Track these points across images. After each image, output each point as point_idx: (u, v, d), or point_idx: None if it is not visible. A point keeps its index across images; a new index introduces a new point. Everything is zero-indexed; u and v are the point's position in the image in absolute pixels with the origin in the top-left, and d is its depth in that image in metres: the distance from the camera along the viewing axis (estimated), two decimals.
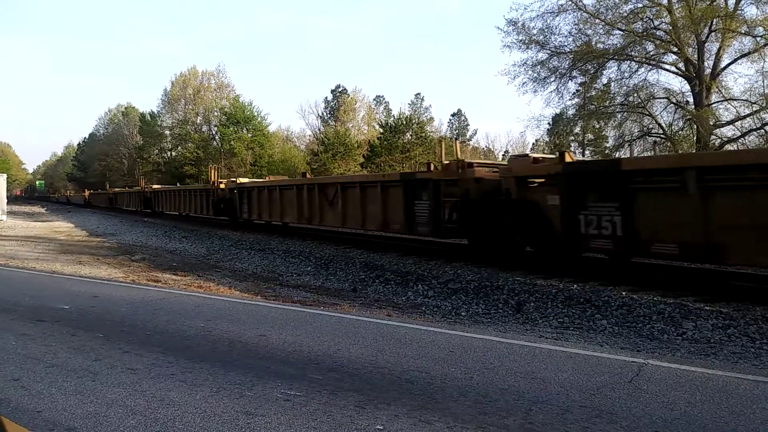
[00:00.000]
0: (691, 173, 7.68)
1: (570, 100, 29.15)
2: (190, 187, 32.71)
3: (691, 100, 25.47)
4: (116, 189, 50.49)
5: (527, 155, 11.05)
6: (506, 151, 61.20)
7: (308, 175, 21.45)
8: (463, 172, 11.63)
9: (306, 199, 17.18)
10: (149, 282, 10.02)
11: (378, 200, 14.07)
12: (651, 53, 25.66)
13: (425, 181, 12.62)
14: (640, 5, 24.66)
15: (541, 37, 26.73)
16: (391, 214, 13.73)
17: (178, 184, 39.55)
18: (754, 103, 23.63)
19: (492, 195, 11.12)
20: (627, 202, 8.45)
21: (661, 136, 26.77)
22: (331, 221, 16.37)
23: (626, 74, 26.43)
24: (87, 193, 61.99)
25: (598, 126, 35.74)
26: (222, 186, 24.25)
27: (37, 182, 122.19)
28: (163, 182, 46.59)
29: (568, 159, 9.70)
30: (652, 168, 8.54)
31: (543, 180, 10.05)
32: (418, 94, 58.54)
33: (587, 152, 44.53)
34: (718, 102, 25.20)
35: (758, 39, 22.88)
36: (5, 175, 33.15)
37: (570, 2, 25.57)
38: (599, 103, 28.27)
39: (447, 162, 12.37)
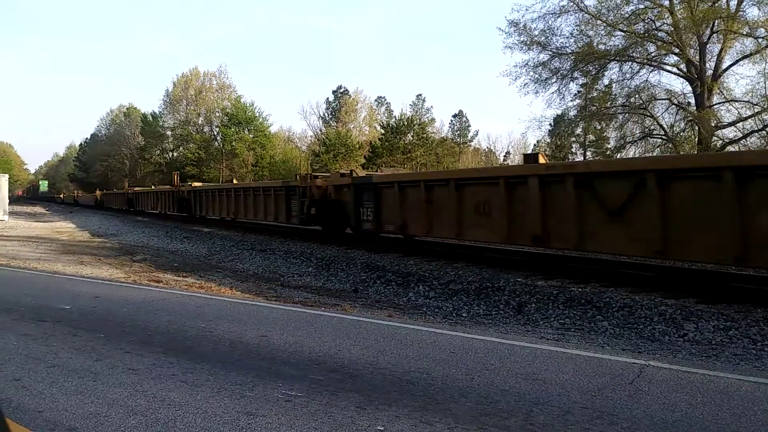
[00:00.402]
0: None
1: (571, 101, 29.17)
2: (260, 184, 24.81)
3: (692, 101, 25.45)
4: (137, 188, 45.15)
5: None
6: (507, 152, 61.24)
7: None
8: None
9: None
10: (150, 282, 10.03)
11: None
12: (652, 54, 25.64)
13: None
14: (641, 6, 24.66)
15: (542, 39, 26.73)
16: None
17: (234, 181, 37.68)
18: (756, 104, 23.60)
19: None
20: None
21: (663, 137, 26.76)
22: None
23: (628, 75, 26.43)
24: (99, 193, 57.43)
25: (599, 127, 35.74)
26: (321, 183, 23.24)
27: (39, 182, 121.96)
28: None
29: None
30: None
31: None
32: (420, 95, 58.62)
33: (589, 153, 44.52)
34: (719, 103, 25.17)
35: (760, 40, 22.85)
36: (7, 176, 33.22)
37: (571, 3, 25.59)
38: (601, 104, 28.25)
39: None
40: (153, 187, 42.69)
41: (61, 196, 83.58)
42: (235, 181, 33.97)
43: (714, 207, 7.51)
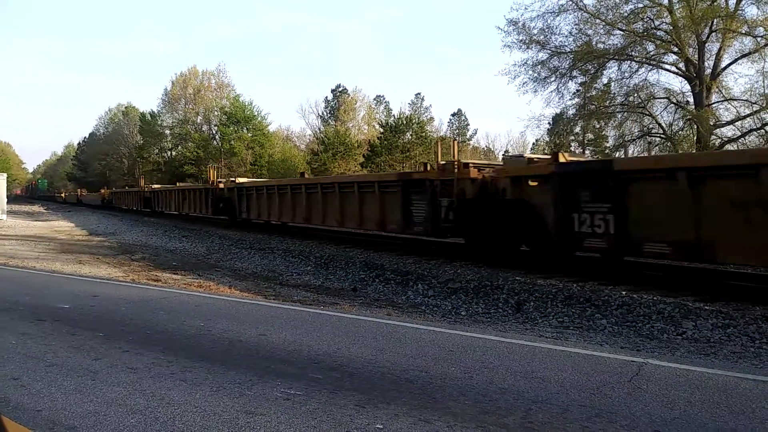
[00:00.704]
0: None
1: (570, 100, 29.15)
2: (350, 177, 21.16)
3: (691, 100, 25.45)
4: (155, 186, 37.41)
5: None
6: (506, 151, 61.23)
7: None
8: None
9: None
10: (149, 281, 10.03)
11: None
12: (651, 53, 25.64)
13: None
14: (640, 5, 24.65)
15: (541, 37, 26.72)
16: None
17: (306, 175, 24.08)
18: (755, 103, 23.61)
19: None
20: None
21: (662, 136, 26.77)
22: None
23: (626, 74, 26.44)
24: (106, 191, 52.00)
25: (598, 126, 35.76)
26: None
27: (38, 181, 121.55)
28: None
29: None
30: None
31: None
32: (419, 93, 58.60)
33: (587, 152, 44.53)
34: (718, 102, 25.18)
35: (759, 39, 22.86)
36: (5, 175, 33.16)
37: (570, 2, 25.57)
38: (599, 103, 28.25)
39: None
40: (179, 183, 37.49)
41: (62, 195, 78.88)
42: (307, 175, 25.09)
43: None
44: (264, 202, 20.06)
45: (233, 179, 25.03)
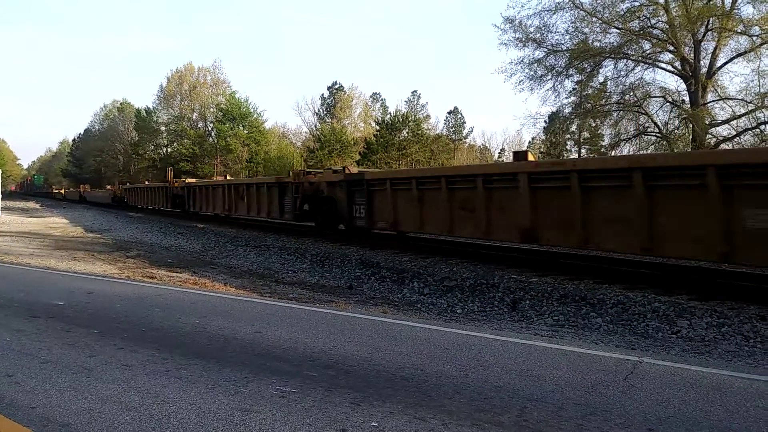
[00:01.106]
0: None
1: (566, 98, 29.20)
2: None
3: (687, 99, 25.55)
4: (189, 180, 31.77)
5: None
6: (503, 149, 61.28)
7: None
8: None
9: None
10: (144, 278, 10.01)
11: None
12: (647, 52, 25.70)
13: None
14: (636, 4, 24.72)
15: (537, 35, 26.78)
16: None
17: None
18: (750, 102, 23.70)
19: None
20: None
21: (657, 134, 26.85)
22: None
23: (622, 73, 26.51)
24: (117, 187, 45.14)
25: (594, 124, 35.82)
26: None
27: (34, 177, 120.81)
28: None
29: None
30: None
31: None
32: (415, 91, 58.84)
33: (583, 150, 44.64)
34: (713, 101, 25.28)
35: (754, 38, 22.94)
36: None
37: (567, 0, 25.60)
38: (595, 102, 28.32)
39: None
40: (229, 177, 33.03)
41: (61, 191, 72.77)
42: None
43: None
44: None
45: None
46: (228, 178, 30.81)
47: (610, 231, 8.91)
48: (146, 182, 43.98)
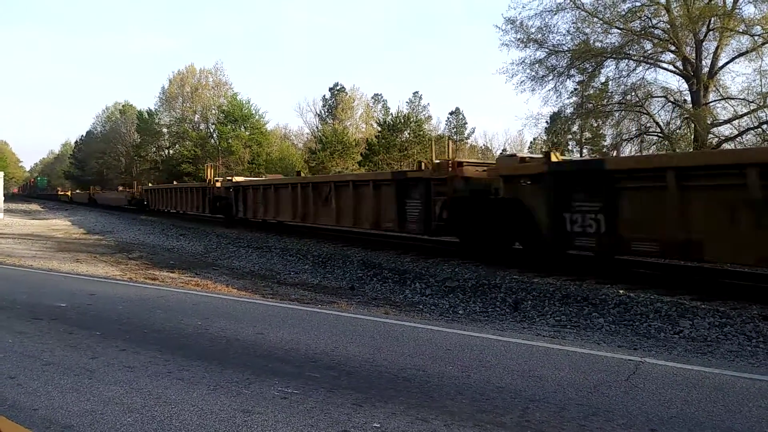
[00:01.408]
0: None
1: (568, 98, 29.13)
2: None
3: (688, 98, 25.47)
4: (238, 179, 24.69)
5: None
6: (503, 150, 61.29)
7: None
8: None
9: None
10: (146, 280, 10.01)
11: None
12: (649, 52, 25.64)
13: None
14: (638, 4, 24.65)
15: (539, 36, 26.70)
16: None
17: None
18: (752, 101, 23.62)
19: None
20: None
21: (659, 134, 26.80)
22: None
23: (624, 73, 26.42)
24: (137, 189, 39.45)
25: (595, 125, 35.75)
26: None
27: (38, 179, 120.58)
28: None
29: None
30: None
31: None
32: (416, 92, 58.91)
33: (585, 151, 44.57)
34: (715, 101, 25.20)
35: (756, 38, 22.87)
36: (2, 173, 33.09)
37: (568, 1, 25.54)
38: (597, 102, 28.27)
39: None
40: (304, 173, 29.08)
41: (67, 193, 68.98)
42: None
43: None
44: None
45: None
46: (303, 174, 25.41)
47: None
48: (175, 182, 37.47)
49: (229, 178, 25.50)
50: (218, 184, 23.86)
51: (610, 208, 8.59)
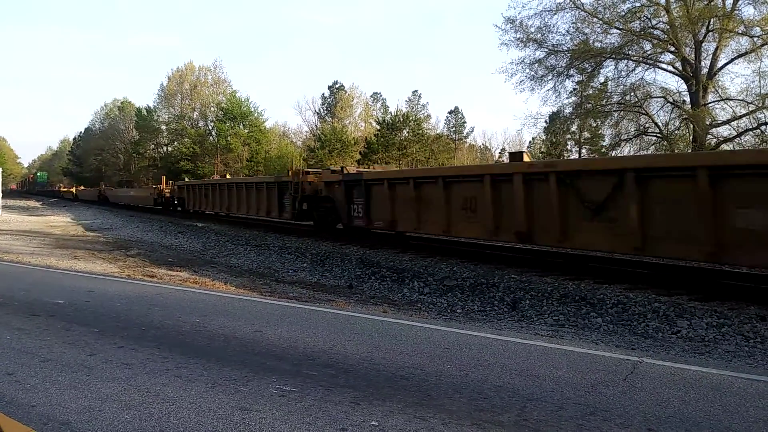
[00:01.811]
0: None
1: (567, 98, 29.14)
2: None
3: (687, 99, 25.50)
4: (353, 168, 19.15)
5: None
6: (503, 149, 61.27)
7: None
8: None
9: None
10: (144, 277, 10.01)
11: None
12: (648, 52, 25.66)
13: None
14: (637, 4, 24.67)
15: (538, 36, 26.72)
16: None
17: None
18: (751, 103, 23.65)
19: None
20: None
21: (658, 135, 26.82)
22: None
23: (623, 73, 26.45)
24: (166, 185, 32.28)
25: (594, 125, 35.78)
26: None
27: (37, 174, 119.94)
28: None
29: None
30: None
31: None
32: (416, 91, 58.81)
33: (584, 151, 44.60)
34: (714, 102, 25.23)
35: (755, 39, 22.89)
36: (0, 169, 33.01)
37: (568, 1, 25.56)
38: (596, 102, 28.28)
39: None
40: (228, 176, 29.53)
41: (72, 190, 65.14)
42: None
43: None
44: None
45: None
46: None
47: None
48: (228, 175, 32.31)
49: (335, 168, 18.40)
50: (312, 178, 17.79)
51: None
